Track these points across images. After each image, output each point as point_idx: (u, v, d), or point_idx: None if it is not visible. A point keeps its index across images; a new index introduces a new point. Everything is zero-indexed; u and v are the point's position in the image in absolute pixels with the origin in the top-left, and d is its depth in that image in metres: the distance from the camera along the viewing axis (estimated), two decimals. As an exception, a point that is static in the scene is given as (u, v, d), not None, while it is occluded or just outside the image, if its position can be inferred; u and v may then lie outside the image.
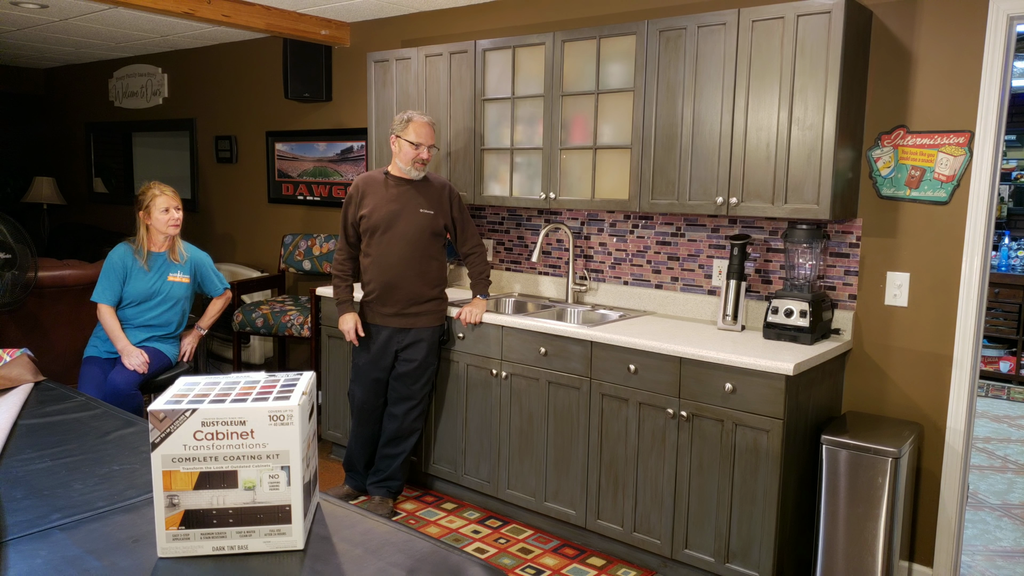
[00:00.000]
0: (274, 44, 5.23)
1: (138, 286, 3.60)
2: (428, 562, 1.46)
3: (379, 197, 3.51)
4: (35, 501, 1.69)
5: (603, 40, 3.38)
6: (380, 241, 3.49)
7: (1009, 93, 2.84)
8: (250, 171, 5.76)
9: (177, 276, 3.67)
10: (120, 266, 3.59)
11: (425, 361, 3.58)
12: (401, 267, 3.48)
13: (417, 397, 3.62)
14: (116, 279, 3.58)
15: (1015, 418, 5.52)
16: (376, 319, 3.56)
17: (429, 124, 3.46)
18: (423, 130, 3.43)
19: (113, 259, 3.60)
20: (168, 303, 3.65)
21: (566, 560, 3.28)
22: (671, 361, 2.99)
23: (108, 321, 3.57)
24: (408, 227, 3.48)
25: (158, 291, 3.63)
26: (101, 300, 3.58)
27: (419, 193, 3.52)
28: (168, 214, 3.59)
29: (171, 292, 3.65)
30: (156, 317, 3.65)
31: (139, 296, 3.60)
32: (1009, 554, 3.45)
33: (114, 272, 3.58)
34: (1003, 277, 6.39)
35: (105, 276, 3.59)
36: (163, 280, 3.64)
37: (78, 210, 7.50)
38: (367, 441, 3.72)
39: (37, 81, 7.63)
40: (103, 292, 3.58)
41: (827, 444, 2.82)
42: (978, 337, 2.94)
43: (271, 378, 1.57)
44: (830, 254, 3.20)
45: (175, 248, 3.69)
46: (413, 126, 3.43)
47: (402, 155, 3.45)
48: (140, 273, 3.60)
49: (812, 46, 2.84)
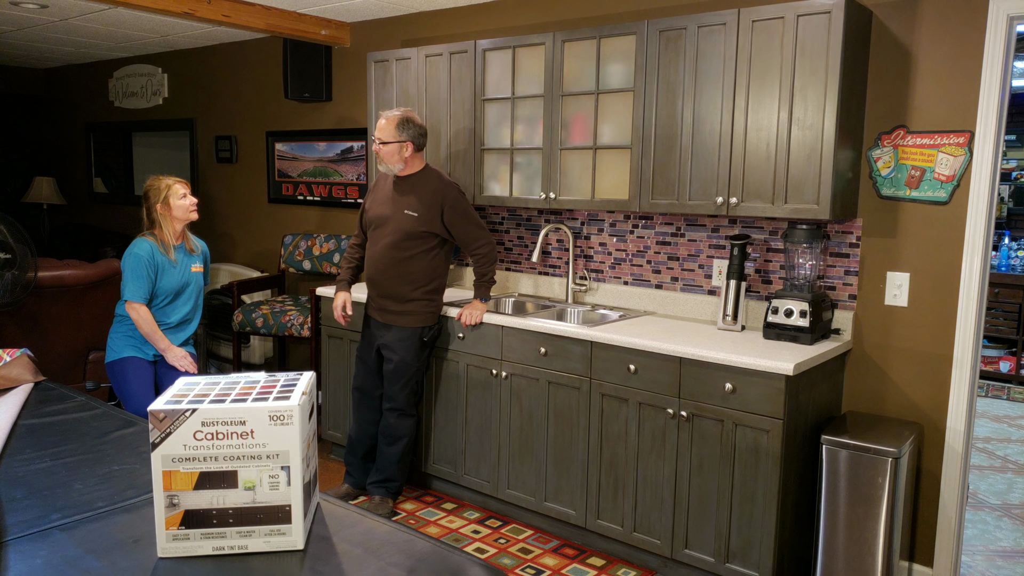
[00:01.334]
0: (274, 44, 5.23)
1: (171, 280, 3.48)
2: (428, 562, 1.46)
3: (379, 194, 3.61)
4: (35, 501, 1.69)
5: (603, 40, 3.38)
6: (371, 237, 3.60)
7: (1009, 93, 2.84)
8: (250, 171, 5.76)
9: (197, 266, 3.60)
10: (151, 261, 3.41)
11: (403, 362, 3.56)
12: (381, 265, 3.52)
13: (399, 401, 3.60)
14: (147, 275, 3.40)
15: (1015, 418, 5.52)
16: (368, 309, 3.69)
17: (381, 116, 3.49)
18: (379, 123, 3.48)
19: (141, 255, 3.40)
20: (195, 295, 3.58)
21: (566, 560, 3.28)
22: (671, 361, 2.99)
23: (148, 320, 3.40)
24: (391, 228, 3.50)
25: (187, 283, 3.54)
26: (136, 298, 3.38)
27: (411, 194, 3.50)
28: (187, 199, 3.51)
29: (196, 283, 3.59)
30: (188, 312, 3.57)
31: (172, 291, 3.49)
32: (1009, 554, 3.45)
33: (144, 268, 3.39)
34: (1003, 277, 6.39)
35: (135, 273, 3.38)
36: (188, 272, 3.55)
37: (78, 210, 7.50)
38: (364, 425, 3.73)
39: (37, 81, 7.63)
40: (137, 289, 3.38)
41: (827, 444, 2.82)
42: (978, 337, 2.94)
43: (271, 378, 1.57)
44: (830, 254, 3.20)
45: (188, 238, 3.60)
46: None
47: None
48: (170, 267, 3.48)
49: (812, 46, 2.84)
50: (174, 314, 3.53)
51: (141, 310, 3.40)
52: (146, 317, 3.41)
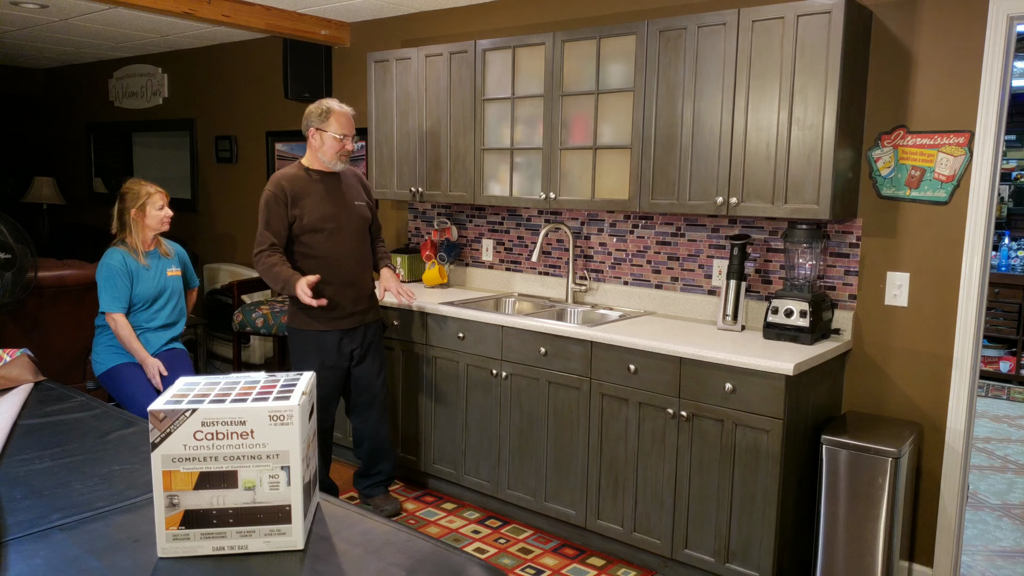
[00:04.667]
0: (274, 44, 5.23)
1: (147, 287, 3.51)
2: (428, 562, 1.46)
3: (311, 196, 3.32)
4: (35, 501, 1.69)
5: (603, 40, 3.38)
6: (329, 241, 3.33)
7: (1009, 93, 2.84)
8: (250, 171, 5.76)
9: (173, 270, 3.63)
10: (124, 269, 3.45)
11: (381, 355, 3.59)
12: (354, 263, 3.42)
13: (381, 395, 3.60)
14: (124, 284, 3.44)
15: (1015, 418, 5.52)
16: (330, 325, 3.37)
17: (350, 114, 3.36)
18: (346, 121, 3.33)
19: (114, 265, 3.44)
20: (174, 299, 3.61)
21: (566, 560, 3.28)
22: (671, 361, 2.99)
23: (126, 331, 3.42)
24: (351, 221, 3.42)
25: (164, 287, 3.57)
26: (113, 309, 3.41)
27: (345, 185, 3.45)
28: (163, 211, 3.53)
29: (174, 287, 3.62)
30: (168, 315, 3.59)
31: (149, 296, 3.52)
32: (1009, 554, 3.45)
33: (119, 277, 3.43)
34: (1003, 277, 6.39)
35: (110, 284, 3.42)
36: (165, 276, 3.58)
37: (78, 210, 7.50)
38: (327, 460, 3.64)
39: (37, 81, 7.63)
40: (113, 300, 3.41)
41: (827, 444, 2.82)
42: (978, 337, 2.94)
43: (271, 378, 1.57)
44: (830, 254, 3.20)
45: (161, 244, 3.64)
46: (335, 118, 3.29)
47: (325, 149, 3.31)
48: (144, 273, 3.51)
49: (812, 46, 2.83)
50: (155, 319, 3.57)
51: (119, 319, 3.44)
52: (124, 326, 3.44)
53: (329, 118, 3.29)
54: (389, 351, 3.93)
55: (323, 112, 3.30)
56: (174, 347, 3.62)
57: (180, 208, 6.32)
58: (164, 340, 3.58)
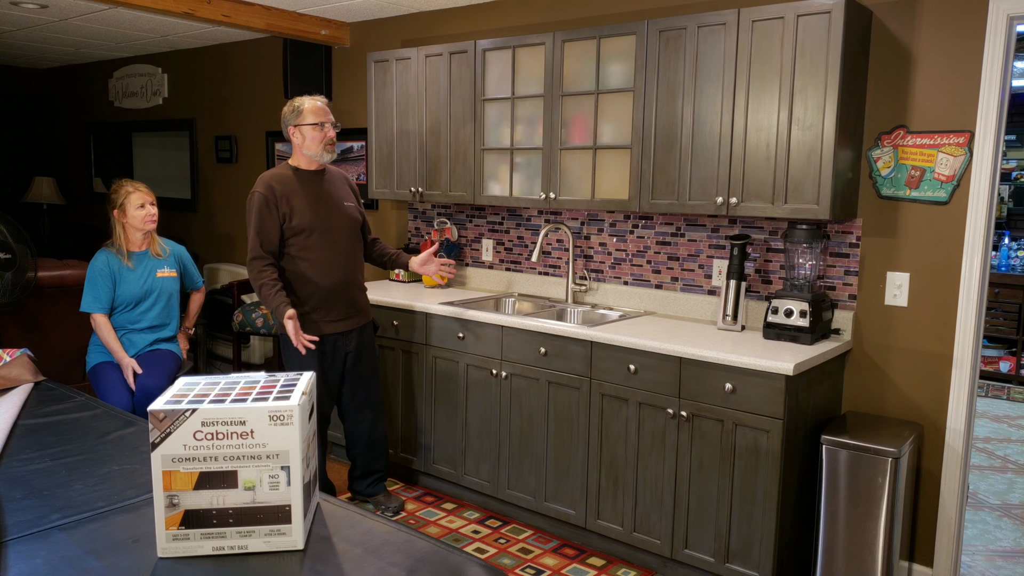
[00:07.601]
0: (274, 44, 5.23)
1: (130, 288, 3.55)
2: (428, 562, 1.46)
3: (300, 197, 3.28)
4: (35, 501, 1.69)
5: (603, 40, 3.38)
6: (320, 243, 3.29)
7: (1009, 93, 2.84)
8: (250, 171, 5.75)
9: (165, 271, 3.64)
10: (106, 271, 3.51)
11: (375, 357, 3.59)
12: (346, 265, 3.40)
13: (377, 395, 3.60)
14: (105, 285, 3.51)
15: (1015, 418, 5.52)
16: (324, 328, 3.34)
17: (322, 102, 3.34)
18: (319, 108, 3.30)
19: (97, 265, 3.51)
20: (163, 300, 3.63)
21: (566, 560, 3.28)
22: (671, 361, 2.99)
23: (104, 331, 3.51)
24: (342, 223, 3.39)
25: (151, 289, 3.59)
26: (92, 309, 3.51)
27: (334, 186, 3.43)
28: (144, 210, 3.55)
29: (163, 288, 3.63)
30: (156, 317, 3.63)
31: (134, 297, 3.56)
32: (1009, 554, 3.45)
33: (101, 278, 3.50)
34: (1003, 277, 6.39)
35: (92, 284, 3.50)
36: (153, 277, 3.61)
37: (78, 210, 7.50)
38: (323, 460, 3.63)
39: (37, 81, 7.63)
40: (93, 301, 3.51)
41: (827, 444, 2.82)
42: (978, 337, 2.94)
43: (271, 378, 1.57)
44: (830, 254, 3.20)
45: (154, 244, 3.65)
46: (308, 109, 3.27)
47: (308, 142, 3.28)
48: (128, 273, 3.55)
49: (812, 46, 2.84)
50: (142, 320, 3.60)
51: (98, 319, 3.53)
52: (103, 326, 3.53)
53: (302, 112, 3.29)
54: (390, 351, 3.93)
55: (295, 109, 3.30)
56: (157, 348, 3.63)
57: (180, 208, 6.34)
58: (149, 341, 3.61)
